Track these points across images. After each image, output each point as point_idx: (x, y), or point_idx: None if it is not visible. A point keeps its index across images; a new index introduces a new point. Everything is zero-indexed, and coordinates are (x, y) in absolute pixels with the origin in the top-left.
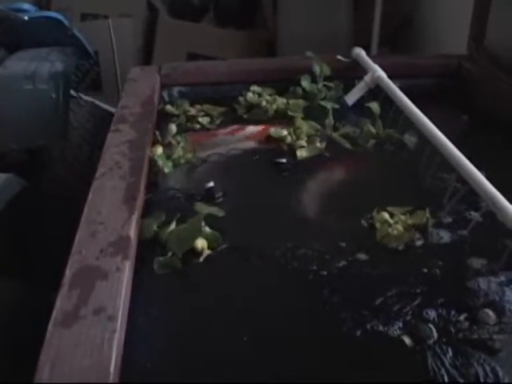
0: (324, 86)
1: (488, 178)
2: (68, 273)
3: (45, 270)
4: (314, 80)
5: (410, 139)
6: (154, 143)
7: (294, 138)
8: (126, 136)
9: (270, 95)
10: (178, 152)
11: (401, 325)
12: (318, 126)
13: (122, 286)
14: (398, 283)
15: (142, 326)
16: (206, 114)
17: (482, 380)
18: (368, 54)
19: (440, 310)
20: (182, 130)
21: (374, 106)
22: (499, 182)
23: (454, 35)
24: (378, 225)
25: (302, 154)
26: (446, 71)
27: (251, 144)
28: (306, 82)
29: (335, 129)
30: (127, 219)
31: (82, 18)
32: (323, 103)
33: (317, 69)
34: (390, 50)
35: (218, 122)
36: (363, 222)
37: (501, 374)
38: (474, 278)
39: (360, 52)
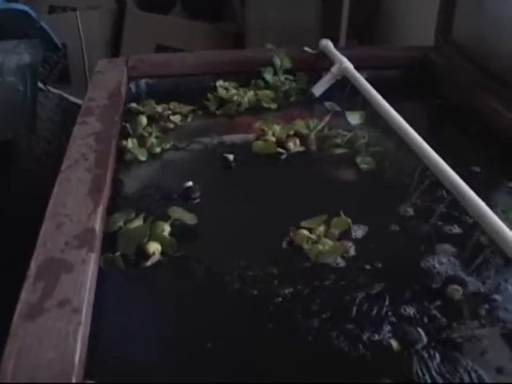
0: (286, 78)
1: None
2: (33, 265)
3: (10, 264)
4: (276, 72)
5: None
6: (125, 136)
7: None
8: (93, 128)
9: (236, 88)
10: (152, 141)
11: (386, 328)
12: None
13: (87, 278)
14: (356, 291)
15: None
16: (175, 113)
17: None
18: (336, 46)
19: (412, 303)
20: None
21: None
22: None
23: (422, 27)
24: (305, 246)
25: (256, 147)
26: (412, 63)
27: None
28: (268, 75)
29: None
30: (92, 212)
31: (50, 10)
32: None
33: (277, 61)
34: (358, 43)
35: (189, 119)
36: (284, 245)
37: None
38: (425, 262)
39: (327, 43)
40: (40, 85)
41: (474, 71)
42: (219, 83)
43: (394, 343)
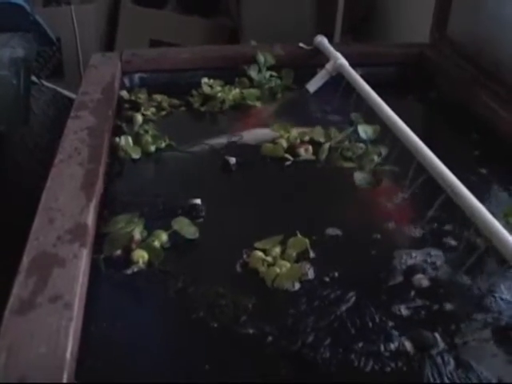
0: (271, 75)
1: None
2: (25, 260)
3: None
4: (260, 69)
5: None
6: (120, 134)
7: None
8: (86, 123)
9: (222, 86)
10: (147, 139)
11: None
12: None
13: (79, 273)
14: (333, 306)
15: None
16: (157, 105)
17: None
18: (331, 41)
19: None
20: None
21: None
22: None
23: (417, 24)
24: (261, 269)
25: (264, 150)
26: (408, 60)
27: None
28: (253, 72)
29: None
30: (85, 206)
31: (44, 3)
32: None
33: (261, 58)
34: (353, 39)
35: (163, 113)
36: (238, 268)
37: None
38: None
39: (322, 40)
40: (33, 78)
41: (469, 68)
42: (204, 80)
43: (409, 346)
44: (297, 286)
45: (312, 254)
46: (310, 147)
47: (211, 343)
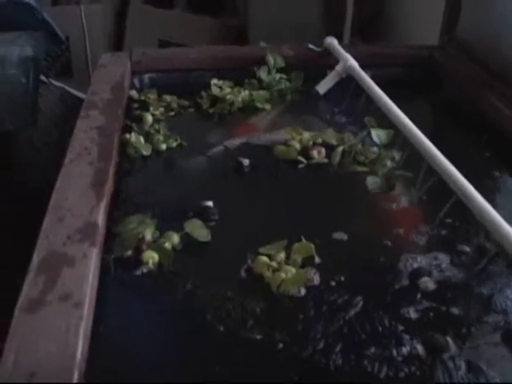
0: (281, 77)
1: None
2: (35, 259)
3: (12, 257)
4: (270, 71)
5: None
6: (129, 132)
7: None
8: (96, 122)
9: (231, 88)
10: (158, 138)
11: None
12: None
13: (89, 272)
14: (341, 311)
15: None
16: (167, 105)
17: None
18: (340, 42)
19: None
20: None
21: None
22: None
23: (426, 26)
24: (266, 274)
25: (277, 152)
26: (417, 62)
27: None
28: (263, 74)
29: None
30: (95, 206)
31: (53, 2)
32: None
33: (270, 60)
34: (361, 40)
35: (172, 114)
36: (242, 274)
37: None
38: (389, 268)
39: (332, 41)
40: (42, 77)
41: (478, 70)
42: (213, 81)
43: (421, 350)
44: (303, 291)
45: (317, 259)
46: (323, 150)
47: (219, 347)
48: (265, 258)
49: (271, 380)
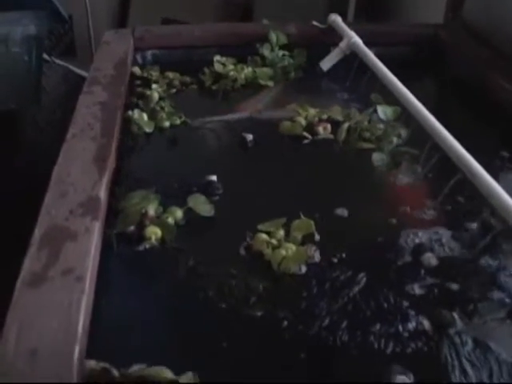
0: (283, 54)
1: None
2: (37, 233)
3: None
4: (273, 48)
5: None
6: (132, 109)
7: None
8: (98, 98)
9: (234, 64)
10: (162, 115)
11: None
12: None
13: (91, 246)
14: (345, 288)
15: None
16: (169, 82)
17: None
18: (344, 21)
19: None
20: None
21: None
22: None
23: (432, 4)
24: (266, 251)
25: (283, 128)
26: (422, 40)
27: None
28: (266, 51)
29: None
30: (97, 180)
31: None
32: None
33: (273, 37)
34: (366, 19)
35: (173, 91)
36: (241, 252)
37: None
38: (390, 244)
39: (336, 18)
40: (45, 56)
41: (482, 49)
42: (216, 58)
43: (427, 325)
44: (303, 269)
45: (317, 236)
46: (329, 126)
47: (222, 324)
48: (264, 236)
49: (278, 357)
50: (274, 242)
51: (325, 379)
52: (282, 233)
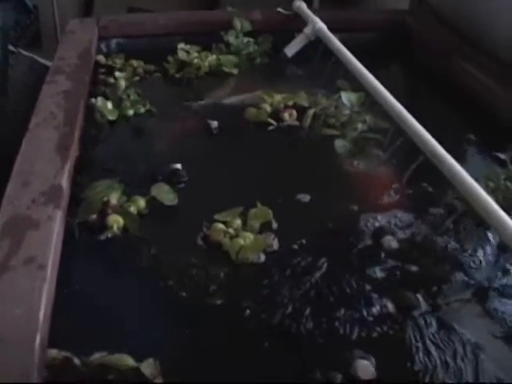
0: (248, 41)
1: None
2: None
3: None
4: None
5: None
6: (97, 96)
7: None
8: (62, 87)
9: (198, 52)
10: (126, 104)
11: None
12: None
13: (53, 235)
14: (306, 274)
15: None
16: (133, 70)
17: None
18: (310, 8)
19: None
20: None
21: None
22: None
23: None
24: (224, 241)
25: (248, 114)
26: (388, 26)
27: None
28: (231, 37)
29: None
30: (60, 169)
31: None
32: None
33: (237, 24)
34: (332, 4)
35: (137, 78)
36: (199, 242)
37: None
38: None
39: (301, 4)
40: (11, 47)
41: (448, 35)
42: (180, 46)
43: (391, 308)
44: (262, 257)
45: (275, 224)
46: (295, 112)
47: (183, 312)
48: (221, 225)
49: (241, 345)
50: (231, 231)
51: (289, 368)
52: (238, 222)
